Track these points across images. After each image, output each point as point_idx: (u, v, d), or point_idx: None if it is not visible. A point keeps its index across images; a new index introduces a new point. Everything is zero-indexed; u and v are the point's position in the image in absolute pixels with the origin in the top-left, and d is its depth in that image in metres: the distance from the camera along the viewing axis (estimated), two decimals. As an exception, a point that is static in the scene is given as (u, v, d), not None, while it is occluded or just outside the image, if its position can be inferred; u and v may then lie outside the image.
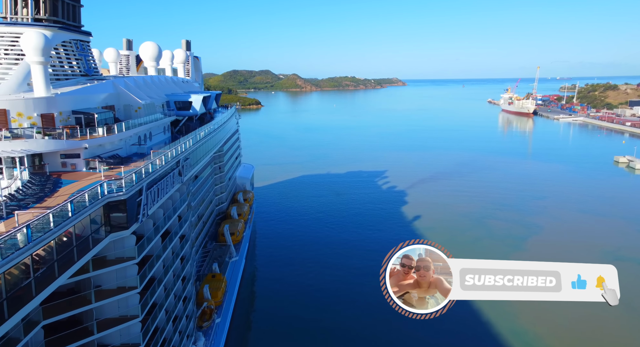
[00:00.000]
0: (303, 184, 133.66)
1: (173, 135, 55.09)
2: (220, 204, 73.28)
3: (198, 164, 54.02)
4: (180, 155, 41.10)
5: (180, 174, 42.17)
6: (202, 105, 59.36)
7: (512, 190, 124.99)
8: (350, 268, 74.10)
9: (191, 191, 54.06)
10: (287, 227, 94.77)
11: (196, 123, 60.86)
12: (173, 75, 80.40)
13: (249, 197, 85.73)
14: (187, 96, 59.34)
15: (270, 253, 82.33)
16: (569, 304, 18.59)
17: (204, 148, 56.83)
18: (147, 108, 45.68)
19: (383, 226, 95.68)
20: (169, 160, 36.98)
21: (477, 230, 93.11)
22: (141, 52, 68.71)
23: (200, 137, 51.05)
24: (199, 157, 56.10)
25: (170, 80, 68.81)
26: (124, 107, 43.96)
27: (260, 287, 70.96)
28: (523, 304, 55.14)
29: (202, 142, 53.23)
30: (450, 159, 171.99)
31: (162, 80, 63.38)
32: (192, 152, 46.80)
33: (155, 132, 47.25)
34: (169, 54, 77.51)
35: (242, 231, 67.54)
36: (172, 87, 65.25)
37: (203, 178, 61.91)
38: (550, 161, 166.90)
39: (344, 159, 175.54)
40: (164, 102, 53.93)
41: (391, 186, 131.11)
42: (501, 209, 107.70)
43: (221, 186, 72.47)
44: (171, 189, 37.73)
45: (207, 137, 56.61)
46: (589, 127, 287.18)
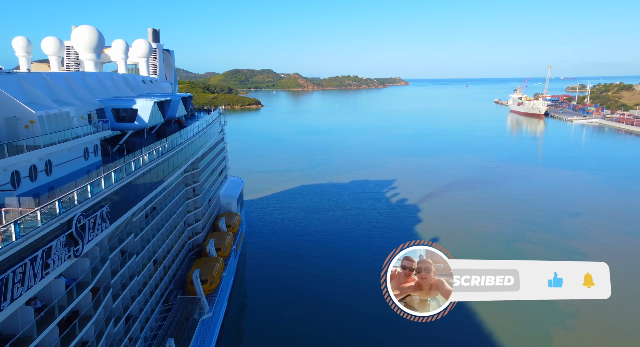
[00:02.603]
0: (304, 196, 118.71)
1: (111, 157, 40.06)
2: (195, 235, 58.16)
3: (151, 192, 39.28)
4: (86, 202, 26.35)
5: (105, 221, 27.51)
6: (156, 113, 44.26)
7: (540, 204, 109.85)
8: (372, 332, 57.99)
9: (144, 229, 39.32)
10: (283, 262, 78.39)
11: (149, 138, 45.81)
12: (135, 73, 65.24)
13: (235, 221, 69.82)
14: (129, 102, 43.18)
15: (261, 302, 63.34)
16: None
17: (162, 169, 42.04)
18: (51, 121, 30.74)
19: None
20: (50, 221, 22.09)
21: (507, 257, 77.67)
22: (74, 39, 52.69)
23: (144, 162, 35.77)
24: (157, 181, 41.34)
25: (120, 79, 53.12)
26: (6, 121, 28.92)
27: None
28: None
29: (151, 167, 38.16)
30: (463, 166, 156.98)
31: (104, 79, 47.89)
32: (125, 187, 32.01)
33: (63, 159, 32.14)
34: (121, 44, 61.20)
35: (219, 273, 52.21)
36: (121, 88, 49.61)
37: (167, 207, 47.06)
38: (575, 169, 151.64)
39: (348, 165, 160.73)
40: (93, 111, 39.15)
41: (401, 199, 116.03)
42: (533, 229, 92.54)
43: (195, 213, 57.30)
44: (62, 261, 23.20)
45: (165, 157, 41.67)
46: (605, 129, 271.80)
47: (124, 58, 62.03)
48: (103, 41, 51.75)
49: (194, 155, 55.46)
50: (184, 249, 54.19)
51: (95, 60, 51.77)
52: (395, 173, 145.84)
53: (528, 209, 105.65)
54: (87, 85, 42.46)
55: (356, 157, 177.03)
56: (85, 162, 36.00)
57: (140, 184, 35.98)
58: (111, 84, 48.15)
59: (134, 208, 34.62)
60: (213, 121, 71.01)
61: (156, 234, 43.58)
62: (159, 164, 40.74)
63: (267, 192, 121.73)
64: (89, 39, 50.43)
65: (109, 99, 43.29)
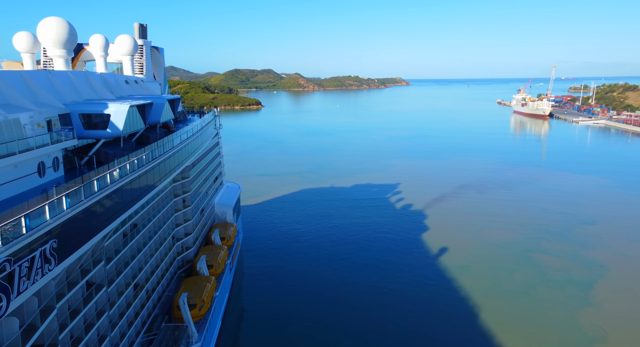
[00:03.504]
0: (304, 201, 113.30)
1: (78, 171, 34.55)
2: (185, 251, 52.73)
3: (130, 207, 33.94)
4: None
5: (49, 262, 21.99)
6: (134, 118, 38.90)
7: (552, 211, 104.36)
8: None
9: (121, 251, 34.00)
10: (283, 276, 73.65)
11: (127, 147, 40.21)
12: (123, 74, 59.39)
13: (230, 233, 64.22)
14: (100, 106, 36.45)
15: (258, 326, 56.99)
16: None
17: (144, 181, 36.67)
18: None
19: (404, 270, 74.77)
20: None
21: (524, 271, 72.64)
22: (40, 33, 45.71)
23: (112, 180, 30.10)
24: (138, 194, 36.01)
25: (98, 79, 47.17)
26: None
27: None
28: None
29: (127, 181, 32.65)
30: (468, 170, 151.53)
31: (76, 79, 41.83)
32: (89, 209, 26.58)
33: (5, 178, 26.19)
34: (100, 40, 55.18)
35: (210, 296, 46.81)
36: (97, 90, 43.90)
37: (151, 223, 41.71)
38: (585, 172, 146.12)
39: (350, 168, 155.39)
40: (55, 116, 33.39)
41: (406, 205, 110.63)
42: (546, 237, 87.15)
43: (186, 226, 51.88)
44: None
45: (146, 168, 36.21)
46: (612, 130, 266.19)
47: (103, 55, 56.08)
48: (75, 35, 45.37)
49: (183, 163, 50.07)
50: (172, 266, 48.83)
51: (65, 57, 45.65)
52: (399, 176, 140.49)
53: (540, 216, 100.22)
54: (52, 87, 36.82)
55: (358, 160, 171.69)
56: (40, 179, 29.88)
57: (114, 201, 30.66)
58: (85, 85, 42.39)
59: (104, 231, 29.30)
60: (207, 124, 65.47)
61: (137, 255, 38.28)
62: (139, 176, 35.34)
63: (266, 197, 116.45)
64: (58, 32, 43.75)
65: (77, 103, 37.37)
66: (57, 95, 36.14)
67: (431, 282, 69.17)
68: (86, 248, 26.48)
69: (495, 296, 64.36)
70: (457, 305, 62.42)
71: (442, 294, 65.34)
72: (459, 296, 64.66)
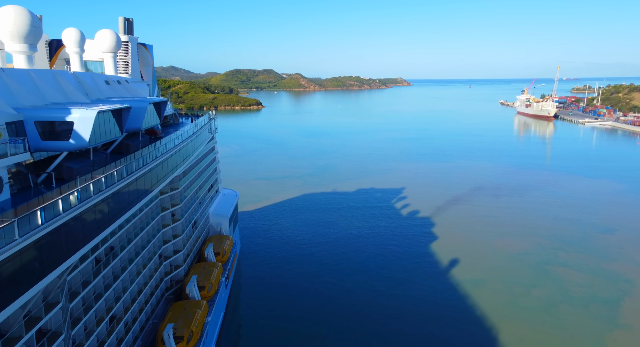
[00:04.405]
0: (306, 208, 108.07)
1: (33, 190, 28.76)
2: (175, 270, 47.43)
3: (104, 230, 28.75)
4: None
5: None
6: (106, 126, 32.88)
7: (566, 218, 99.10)
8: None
9: (91, 282, 28.85)
10: (283, 292, 68.44)
11: (99, 159, 34.53)
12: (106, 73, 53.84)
13: (225, 248, 58.73)
14: (60, 112, 29.99)
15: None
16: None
17: (122, 198, 31.47)
18: None
19: (414, 285, 69.60)
20: None
21: (544, 286, 67.37)
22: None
23: (70, 204, 24.79)
24: (113, 216, 30.79)
25: (70, 80, 41.34)
26: None
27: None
28: None
29: (93, 204, 27.18)
30: (475, 174, 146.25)
31: (40, 79, 36.02)
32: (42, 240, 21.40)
33: None
34: (73, 34, 48.81)
35: (201, 325, 41.46)
36: (68, 91, 38.39)
37: (133, 244, 36.44)
38: (597, 176, 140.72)
39: (352, 171, 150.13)
40: (2, 125, 26.93)
41: (412, 211, 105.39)
42: (563, 247, 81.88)
43: (175, 243, 46.65)
44: None
45: (121, 184, 30.90)
46: (619, 132, 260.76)
47: (78, 52, 50.25)
48: (39, 28, 39.20)
49: (172, 173, 44.86)
50: (158, 289, 43.57)
51: (28, 52, 39.35)
52: (403, 180, 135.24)
53: (554, 224, 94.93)
54: (5, 88, 31.01)
55: (361, 162, 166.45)
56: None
57: (79, 227, 25.50)
58: (51, 87, 36.66)
59: (63, 265, 24.04)
60: (200, 129, 60.12)
61: (114, 283, 33.04)
62: (113, 194, 30.06)
63: (265, 203, 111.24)
64: (17, 23, 36.90)
65: (33, 108, 31.01)
66: (10, 99, 30.54)
67: (443, 297, 63.94)
68: (33, 293, 21.23)
69: (514, 315, 59.15)
70: (472, 323, 57.29)
71: (456, 312, 60.18)
72: (475, 314, 59.43)
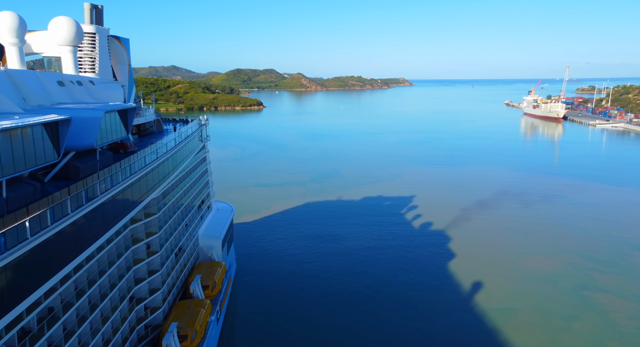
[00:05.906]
0: (309, 219, 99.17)
1: None
2: (151, 315, 38.38)
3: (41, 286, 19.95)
4: None
5: None
6: (31, 147, 22.62)
7: (596, 232, 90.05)
8: None
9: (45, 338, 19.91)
10: (284, 320, 59.55)
11: (24, 193, 24.56)
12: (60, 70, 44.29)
13: (216, 279, 49.27)
14: None
15: None
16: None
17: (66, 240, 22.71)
18: None
19: (433, 313, 60.82)
20: None
21: (586, 318, 58.25)
22: None
23: None
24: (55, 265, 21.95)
25: (4, 80, 31.95)
26: None
27: None
28: None
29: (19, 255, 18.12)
30: (488, 180, 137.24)
31: None
32: None
33: None
34: (9, 20, 37.99)
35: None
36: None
37: (89, 293, 27.55)
38: (623, 184, 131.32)
39: (357, 176, 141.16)
40: None
41: (424, 223, 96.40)
42: (599, 268, 72.89)
43: (150, 281, 37.66)
44: None
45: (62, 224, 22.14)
46: (632, 134, 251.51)
47: (17, 43, 39.84)
48: None
49: (146, 197, 35.95)
50: (127, 342, 34.55)
51: None
52: (412, 187, 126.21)
53: (584, 240, 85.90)
54: None
55: (366, 167, 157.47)
56: None
57: (19, 274, 16.70)
58: None
59: None
60: (187, 138, 51.03)
61: (65, 345, 24.19)
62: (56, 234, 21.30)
63: (265, 213, 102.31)
64: None
65: None
66: None
67: (469, 332, 54.96)
68: None
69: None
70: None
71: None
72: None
